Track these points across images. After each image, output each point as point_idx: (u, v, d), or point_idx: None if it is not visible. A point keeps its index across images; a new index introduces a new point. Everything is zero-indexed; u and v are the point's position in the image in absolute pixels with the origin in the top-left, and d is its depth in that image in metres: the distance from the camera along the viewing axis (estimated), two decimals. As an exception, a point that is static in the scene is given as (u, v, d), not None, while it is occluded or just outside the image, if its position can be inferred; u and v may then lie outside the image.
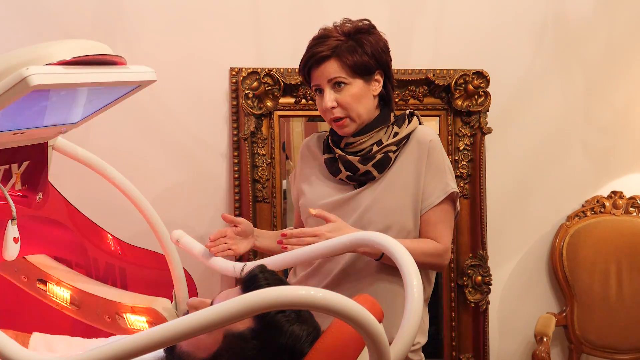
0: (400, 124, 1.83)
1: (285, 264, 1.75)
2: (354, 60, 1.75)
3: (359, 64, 1.75)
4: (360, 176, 1.81)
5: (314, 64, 1.77)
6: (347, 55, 1.75)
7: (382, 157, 1.79)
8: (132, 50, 2.33)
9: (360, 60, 1.75)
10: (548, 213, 2.72)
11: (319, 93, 1.80)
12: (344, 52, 1.75)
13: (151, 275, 2.04)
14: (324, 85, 1.77)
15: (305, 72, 1.81)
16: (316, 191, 1.87)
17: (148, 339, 1.02)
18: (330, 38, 1.77)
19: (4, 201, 1.56)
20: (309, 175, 1.91)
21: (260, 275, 1.23)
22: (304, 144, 1.97)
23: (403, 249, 1.38)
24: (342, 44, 1.76)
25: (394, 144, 1.80)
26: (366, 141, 1.80)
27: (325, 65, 1.76)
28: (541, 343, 2.47)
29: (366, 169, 1.79)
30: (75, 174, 2.09)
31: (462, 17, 2.58)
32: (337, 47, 1.75)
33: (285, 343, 1.18)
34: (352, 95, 1.76)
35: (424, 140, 1.82)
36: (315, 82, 1.79)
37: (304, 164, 1.94)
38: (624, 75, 2.72)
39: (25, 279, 1.97)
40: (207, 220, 2.48)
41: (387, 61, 1.82)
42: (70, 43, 1.39)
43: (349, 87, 1.76)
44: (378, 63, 1.79)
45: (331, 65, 1.75)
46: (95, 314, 1.93)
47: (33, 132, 1.54)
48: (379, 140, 1.80)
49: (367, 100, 1.79)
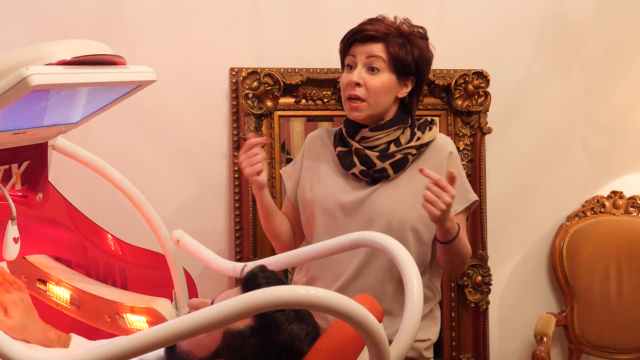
0: (423, 129, 1.84)
1: (286, 264, 1.75)
2: (399, 54, 1.76)
3: (401, 60, 1.77)
4: (374, 172, 1.80)
5: (360, 39, 1.78)
6: (396, 46, 1.76)
7: (401, 157, 1.80)
8: (132, 50, 2.33)
9: (404, 57, 1.77)
10: (548, 213, 2.72)
11: (348, 69, 1.80)
12: (394, 43, 1.77)
13: (151, 275, 2.04)
14: (361, 61, 1.77)
15: (347, 43, 1.81)
16: (328, 185, 1.86)
17: (148, 338, 1.02)
18: (385, 24, 1.79)
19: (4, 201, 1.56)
20: (317, 168, 1.90)
21: (260, 275, 1.24)
22: (314, 135, 1.96)
23: (403, 249, 1.38)
24: (395, 35, 1.77)
25: (415, 147, 1.81)
26: (382, 138, 1.81)
27: (372, 44, 1.77)
28: (541, 343, 2.47)
29: (383, 166, 1.79)
30: (75, 174, 2.10)
31: (462, 17, 2.58)
32: (389, 35, 1.77)
33: (284, 341, 1.18)
34: (382, 83, 1.77)
35: (445, 149, 1.84)
36: (352, 56, 1.79)
37: (310, 156, 1.93)
38: (624, 76, 2.72)
39: (25, 279, 1.97)
40: (207, 220, 2.48)
41: (424, 73, 1.83)
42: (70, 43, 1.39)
43: (381, 74, 1.77)
44: (417, 70, 1.80)
45: (377, 47, 1.76)
46: (95, 314, 1.93)
47: (33, 132, 1.54)
48: (397, 140, 1.81)
49: (390, 95, 1.80)
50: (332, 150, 1.88)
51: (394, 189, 1.81)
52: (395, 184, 1.81)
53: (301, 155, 1.96)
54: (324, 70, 2.44)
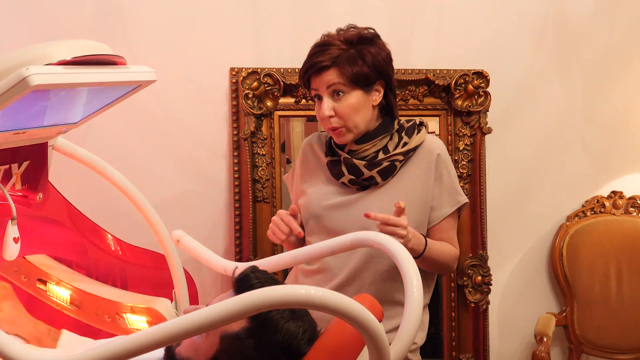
0: (410, 133, 1.83)
1: (284, 264, 1.75)
2: (353, 71, 1.74)
3: (358, 74, 1.74)
4: (363, 180, 1.81)
5: (313, 73, 1.77)
6: (347, 65, 1.74)
7: (389, 164, 1.80)
8: (132, 50, 2.33)
9: (360, 71, 1.74)
10: (548, 213, 2.72)
11: (317, 100, 1.80)
12: (344, 63, 1.74)
13: (151, 275, 2.04)
14: (323, 92, 1.77)
15: (305, 79, 1.81)
16: (318, 191, 1.87)
17: (148, 338, 1.02)
18: (331, 46, 1.76)
19: (4, 201, 1.56)
20: (311, 175, 1.91)
21: (252, 275, 1.23)
22: (307, 142, 1.97)
23: (403, 249, 1.38)
24: (343, 53, 1.75)
25: (402, 153, 1.81)
26: (369, 149, 1.81)
27: (325, 73, 1.75)
28: (541, 343, 2.47)
29: (371, 174, 1.80)
30: (75, 174, 2.10)
31: (462, 17, 2.58)
32: (338, 57, 1.74)
33: (281, 340, 1.18)
34: (350, 105, 1.75)
35: (433, 152, 1.83)
36: (315, 89, 1.79)
37: (305, 163, 1.94)
38: (624, 75, 2.72)
39: (25, 279, 1.97)
40: (208, 220, 2.48)
41: (388, 72, 1.81)
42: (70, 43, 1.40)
43: (347, 96, 1.75)
44: (378, 74, 1.78)
45: (331, 74, 1.75)
46: (95, 314, 1.94)
47: (33, 132, 1.55)
48: (385, 148, 1.81)
49: (365, 110, 1.78)
50: (323, 158, 1.89)
51: (382, 195, 1.81)
52: (384, 190, 1.82)
53: (298, 162, 1.97)
54: (324, 70, 2.43)
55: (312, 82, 1.79)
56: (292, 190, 1.98)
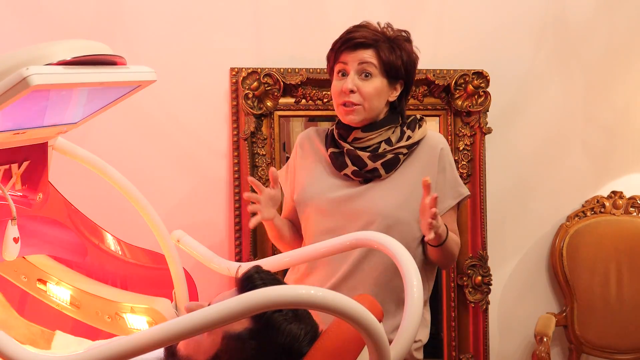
0: (413, 127, 1.85)
1: (285, 264, 1.75)
2: (390, 58, 1.79)
3: (392, 64, 1.79)
4: (366, 172, 1.82)
5: (350, 47, 1.80)
6: (386, 51, 1.79)
7: (392, 157, 1.81)
8: (132, 50, 2.33)
9: (395, 61, 1.80)
10: (548, 213, 2.72)
11: (340, 76, 1.81)
12: (384, 48, 1.79)
13: (151, 275, 2.04)
14: (352, 68, 1.79)
15: (336, 51, 1.82)
16: (321, 185, 1.87)
17: (148, 338, 1.02)
18: (372, 31, 1.81)
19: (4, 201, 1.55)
20: (311, 168, 1.91)
21: (255, 275, 1.23)
22: (304, 135, 1.97)
23: (403, 249, 1.38)
24: (384, 39, 1.80)
25: (407, 147, 1.82)
26: (374, 138, 1.83)
27: (362, 51, 1.79)
28: (541, 343, 2.47)
29: (374, 166, 1.81)
30: (75, 174, 2.09)
31: (462, 17, 2.58)
32: (379, 41, 1.79)
33: (283, 342, 1.18)
34: (375, 88, 1.79)
35: (436, 146, 1.86)
36: (343, 63, 1.80)
37: (304, 157, 1.94)
38: (624, 75, 2.72)
39: (25, 279, 1.97)
40: (207, 220, 2.48)
41: (412, 75, 1.87)
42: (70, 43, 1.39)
43: (374, 80, 1.79)
44: (406, 73, 1.83)
45: (367, 53, 1.79)
46: (95, 314, 1.93)
47: (33, 132, 1.54)
48: (388, 139, 1.83)
49: (383, 99, 1.82)
50: (324, 151, 1.89)
51: (386, 187, 1.83)
52: (387, 183, 1.83)
53: (293, 157, 1.97)
54: (324, 70, 2.42)
55: (342, 55, 1.81)
56: (287, 184, 1.97)
